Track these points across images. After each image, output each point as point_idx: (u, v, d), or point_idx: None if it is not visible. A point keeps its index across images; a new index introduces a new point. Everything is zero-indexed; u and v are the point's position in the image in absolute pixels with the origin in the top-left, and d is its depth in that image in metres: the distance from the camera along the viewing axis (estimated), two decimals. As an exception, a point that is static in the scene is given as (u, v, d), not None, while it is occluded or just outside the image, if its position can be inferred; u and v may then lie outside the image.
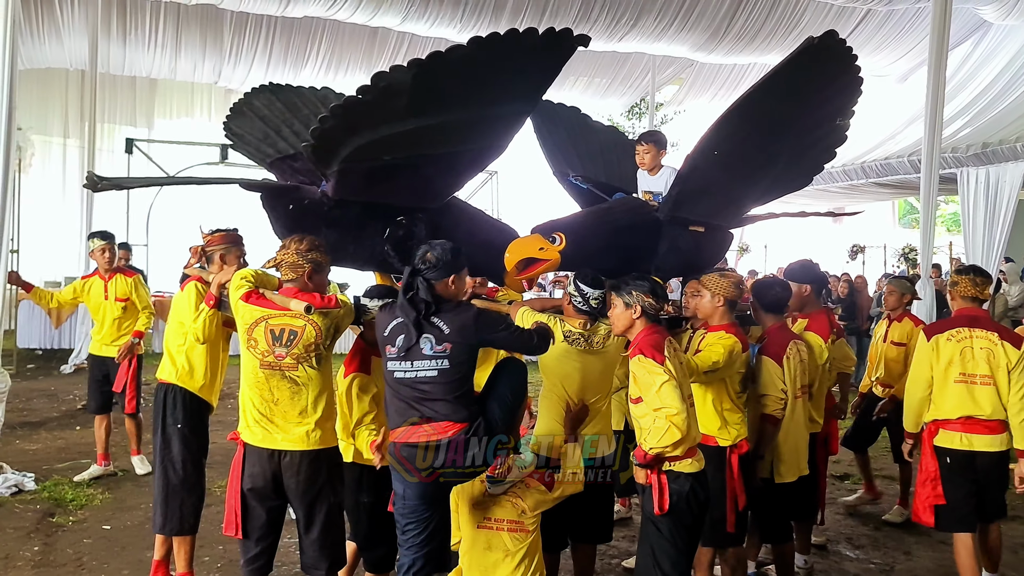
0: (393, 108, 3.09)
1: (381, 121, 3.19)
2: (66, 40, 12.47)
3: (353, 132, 3.22)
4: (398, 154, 3.40)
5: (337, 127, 3.13)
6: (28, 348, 11.11)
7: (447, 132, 3.37)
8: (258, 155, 4.51)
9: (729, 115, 3.71)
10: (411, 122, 3.20)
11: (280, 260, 3.31)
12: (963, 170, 9.93)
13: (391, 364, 3.24)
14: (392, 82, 2.94)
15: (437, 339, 3.16)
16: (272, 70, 13.65)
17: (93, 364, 6.32)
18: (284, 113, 4.52)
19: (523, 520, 3.45)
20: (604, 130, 5.53)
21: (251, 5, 10.95)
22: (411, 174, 3.58)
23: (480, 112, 3.34)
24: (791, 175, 4.22)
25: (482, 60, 3.02)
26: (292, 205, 3.75)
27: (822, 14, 12.51)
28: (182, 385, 4.15)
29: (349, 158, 3.34)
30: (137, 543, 4.77)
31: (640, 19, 12.17)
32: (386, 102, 3.04)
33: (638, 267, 3.73)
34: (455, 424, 3.22)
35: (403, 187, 3.66)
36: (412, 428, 3.22)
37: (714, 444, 3.68)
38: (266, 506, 3.30)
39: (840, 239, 16.77)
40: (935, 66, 7.72)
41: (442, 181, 3.79)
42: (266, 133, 4.48)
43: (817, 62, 3.52)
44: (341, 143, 3.26)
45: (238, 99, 4.78)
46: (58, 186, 14.21)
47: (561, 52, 3.23)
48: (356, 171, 3.47)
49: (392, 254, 3.81)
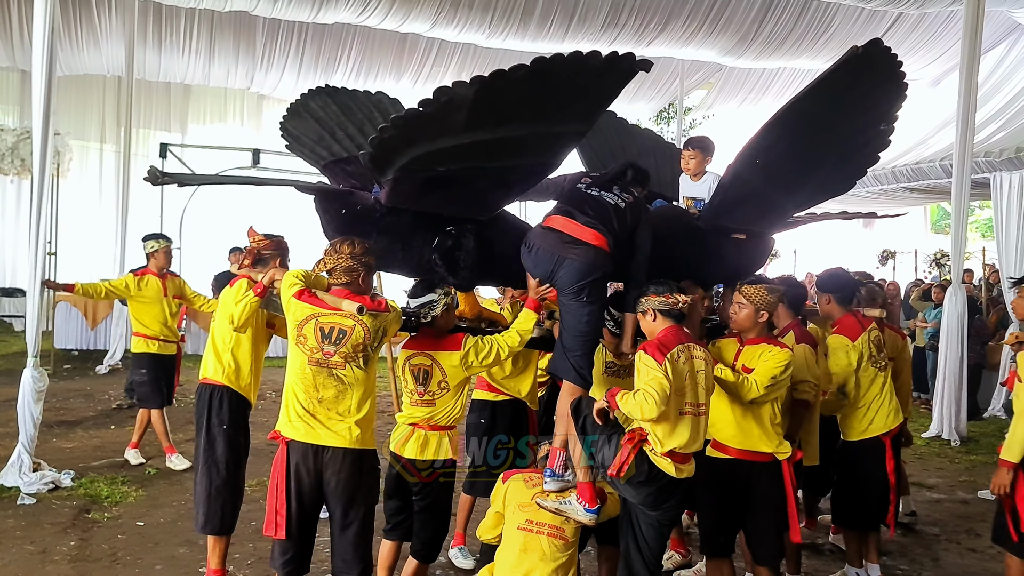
0: (452, 122, 3.12)
1: (439, 134, 3.22)
2: (103, 47, 12.74)
3: (411, 143, 3.26)
4: (453, 166, 3.42)
5: (396, 137, 3.17)
6: (65, 349, 11.33)
7: (503, 147, 3.39)
8: (312, 157, 4.57)
9: (772, 124, 3.71)
10: (468, 136, 3.23)
11: (336, 265, 3.35)
12: (996, 175, 9.80)
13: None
14: (454, 97, 2.97)
15: None
16: (303, 75, 13.82)
17: (152, 363, 6.41)
18: (339, 116, 4.59)
19: (565, 528, 3.49)
20: (642, 134, 5.52)
21: (283, 12, 11.10)
22: (464, 186, 3.61)
23: (537, 130, 3.36)
24: (833, 180, 4.21)
25: (543, 80, 3.05)
26: (345, 209, 3.82)
27: (852, 18, 12.41)
28: (228, 384, 4.20)
29: (405, 167, 3.38)
30: (170, 539, 4.88)
31: (669, 23, 12.16)
32: (446, 116, 3.07)
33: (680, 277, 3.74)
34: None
35: (455, 199, 3.68)
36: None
37: (771, 459, 3.70)
38: (307, 505, 3.34)
39: (871, 244, 16.58)
40: (967, 70, 7.65)
41: (494, 195, 3.82)
42: (321, 135, 4.56)
43: (862, 70, 3.51)
44: (398, 152, 3.30)
45: (295, 100, 4.84)
46: (95, 190, 14.50)
47: (621, 75, 3.24)
48: (411, 180, 3.51)
49: (439, 263, 3.85)
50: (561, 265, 3.60)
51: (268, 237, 4.23)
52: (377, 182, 3.68)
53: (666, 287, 3.45)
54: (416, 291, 3.76)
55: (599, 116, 3.64)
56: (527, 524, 3.50)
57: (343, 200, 3.88)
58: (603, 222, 3.64)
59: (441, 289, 3.76)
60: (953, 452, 7.80)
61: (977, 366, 9.26)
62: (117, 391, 9.05)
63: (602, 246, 3.59)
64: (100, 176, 14.61)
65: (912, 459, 7.29)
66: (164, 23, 12.68)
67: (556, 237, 3.64)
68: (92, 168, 14.58)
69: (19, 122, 12.38)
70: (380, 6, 10.95)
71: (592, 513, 3.44)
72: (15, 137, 9.82)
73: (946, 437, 8.16)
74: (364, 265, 3.39)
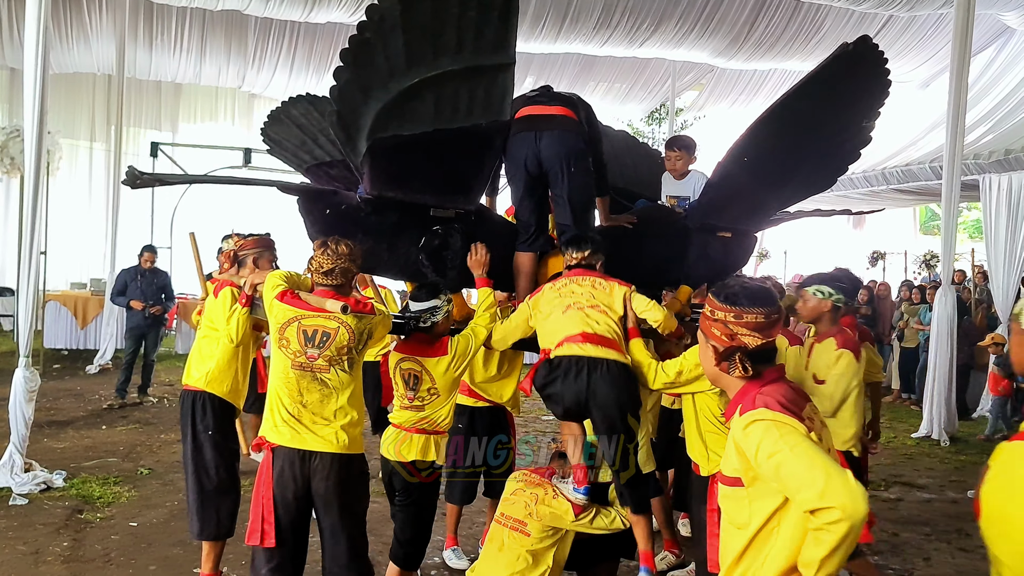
0: (393, 51, 3.22)
1: (388, 73, 3.29)
2: (94, 45, 12.68)
3: (367, 90, 3.31)
4: (416, 129, 3.43)
5: (352, 81, 3.25)
6: (54, 348, 11.28)
7: (449, 92, 3.44)
8: (295, 161, 4.58)
9: (762, 121, 3.74)
10: (413, 73, 3.31)
11: (335, 266, 3.26)
12: (985, 176, 9.87)
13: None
14: (383, 11, 3.12)
15: None
16: (295, 75, 13.80)
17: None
18: (320, 122, 4.60)
19: (528, 523, 3.50)
20: (616, 135, 5.51)
21: (275, 11, 11.07)
22: (437, 163, 3.63)
23: (466, 63, 3.40)
24: (817, 177, 4.25)
25: None
26: (329, 210, 3.79)
27: (843, 20, 12.48)
28: (211, 391, 4.12)
29: (372, 132, 3.37)
30: (163, 540, 4.86)
31: (661, 25, 12.20)
32: (385, 40, 3.19)
33: (668, 276, 3.76)
34: None
35: (434, 181, 3.69)
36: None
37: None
38: (294, 512, 3.25)
39: (860, 246, 16.67)
40: (957, 72, 7.71)
41: (468, 172, 3.81)
42: (303, 140, 4.56)
43: (851, 67, 3.56)
44: (360, 105, 3.33)
45: (276, 107, 4.87)
46: (84, 189, 14.43)
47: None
48: (384, 154, 3.48)
49: (426, 263, 3.83)
50: (541, 141, 3.79)
51: (251, 236, 4.22)
52: (352, 163, 3.66)
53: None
54: (420, 295, 3.72)
55: (514, 42, 3.56)
56: (499, 516, 3.56)
57: (327, 200, 3.86)
58: (565, 103, 3.92)
59: (445, 296, 3.74)
60: (943, 452, 7.86)
61: (966, 366, 9.34)
62: (108, 391, 9.01)
63: (572, 116, 3.83)
64: (90, 175, 14.54)
65: (902, 459, 7.35)
66: (155, 21, 12.62)
67: (526, 121, 3.83)
68: (82, 167, 14.51)
69: (8, 120, 12.29)
70: (372, 6, 10.94)
71: (580, 494, 3.48)
72: (4, 136, 9.73)
73: (935, 437, 8.22)
74: (359, 268, 3.37)
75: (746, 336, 2.04)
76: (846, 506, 1.74)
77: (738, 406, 2.03)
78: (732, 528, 2.04)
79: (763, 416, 1.92)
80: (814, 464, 1.80)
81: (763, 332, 2.05)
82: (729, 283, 2.14)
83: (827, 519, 1.75)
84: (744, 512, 1.99)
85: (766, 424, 1.90)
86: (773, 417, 1.91)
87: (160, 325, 9.09)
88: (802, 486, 1.79)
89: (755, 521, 1.96)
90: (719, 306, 2.09)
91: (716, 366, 2.09)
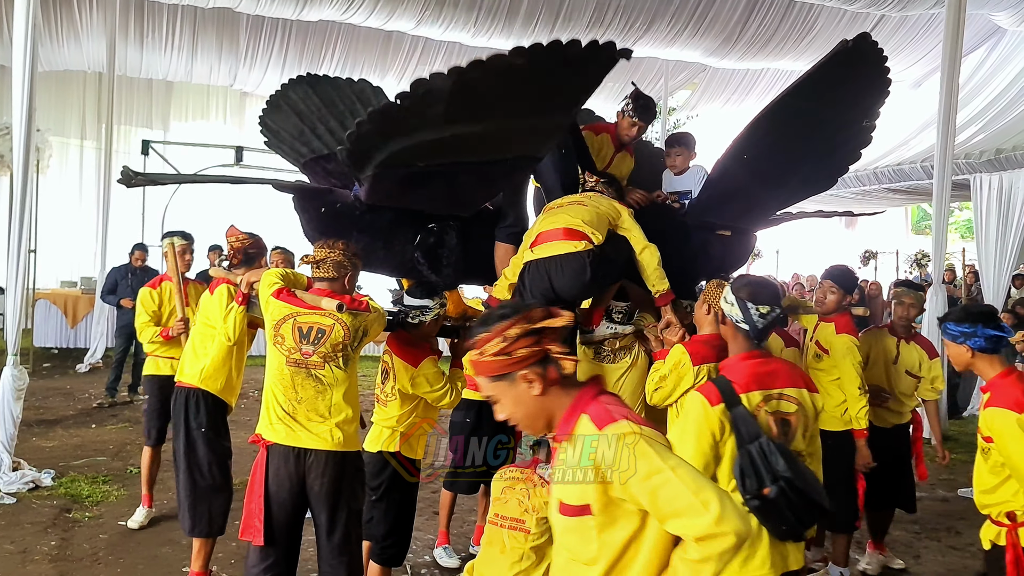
0: (431, 115, 3.06)
1: (418, 128, 3.16)
2: (84, 43, 12.61)
3: (389, 138, 3.21)
4: (433, 161, 3.38)
5: (373, 132, 3.12)
6: (44, 347, 11.23)
7: (484, 141, 3.34)
8: (292, 154, 4.51)
9: (761, 119, 3.72)
10: (447, 129, 3.17)
11: (326, 258, 3.29)
12: (976, 176, 9.89)
13: None
14: (432, 88, 2.90)
15: None
16: (287, 73, 13.68)
17: None
18: (320, 109, 4.52)
19: (525, 519, 3.48)
20: None
21: (267, 9, 11.04)
22: (445, 182, 3.57)
23: (517, 122, 3.31)
24: (817, 177, 4.24)
25: (522, 70, 2.97)
26: (324, 208, 3.78)
27: (835, 19, 12.49)
28: (204, 388, 4.13)
29: (384, 163, 3.33)
30: (151, 539, 4.84)
31: (653, 24, 12.19)
32: (424, 109, 3.01)
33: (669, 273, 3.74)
34: None
35: (437, 195, 3.66)
36: None
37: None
38: (289, 510, 3.24)
39: (853, 245, 16.71)
40: (948, 73, 7.72)
41: (476, 190, 3.79)
42: (301, 130, 4.49)
43: (849, 65, 3.54)
44: (377, 148, 3.25)
45: (275, 91, 4.74)
46: (75, 187, 14.34)
47: (602, 64, 3.21)
48: (390, 177, 3.46)
49: (422, 261, 3.82)
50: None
51: (251, 235, 4.21)
52: (357, 179, 3.65)
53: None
54: (415, 292, 3.72)
55: (580, 107, 3.61)
56: (493, 517, 3.51)
57: (322, 198, 3.85)
58: None
59: (439, 298, 3.73)
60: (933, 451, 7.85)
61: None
62: (98, 390, 8.97)
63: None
64: (80, 173, 14.45)
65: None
66: (146, 19, 12.56)
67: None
68: (72, 165, 14.42)
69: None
70: (365, 4, 10.91)
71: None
72: (-7, 133, 9.70)
73: (926, 436, 8.21)
74: (353, 266, 3.35)
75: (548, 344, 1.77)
76: (740, 531, 1.60)
77: (577, 419, 1.76)
78: (577, 566, 1.77)
79: (629, 429, 1.69)
80: (701, 487, 1.63)
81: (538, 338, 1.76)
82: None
83: (721, 547, 1.59)
84: (591, 545, 1.73)
85: (634, 438, 1.67)
86: (640, 431, 1.69)
87: (151, 323, 9.04)
88: (690, 511, 1.61)
89: (605, 555, 1.71)
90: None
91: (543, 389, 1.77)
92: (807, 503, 2.42)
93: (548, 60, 3.02)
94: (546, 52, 2.94)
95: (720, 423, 2.48)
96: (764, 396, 2.55)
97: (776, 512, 2.41)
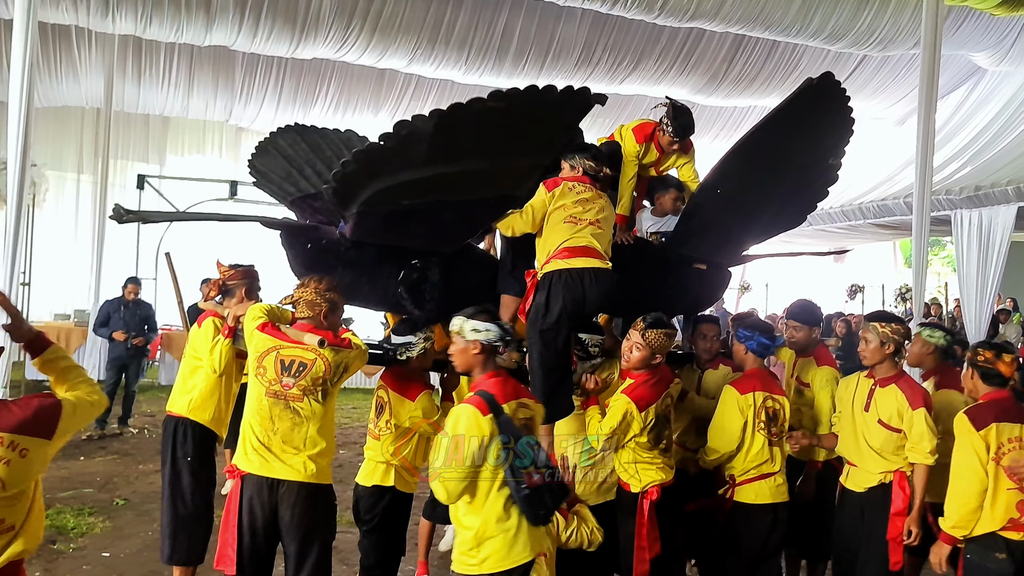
0: (413, 155, 3.20)
1: (401, 168, 3.30)
2: (83, 79, 12.80)
3: (373, 177, 3.35)
4: (416, 199, 3.50)
5: (358, 171, 3.26)
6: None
7: (465, 180, 3.47)
8: (280, 193, 4.65)
9: (733, 153, 3.87)
10: (429, 169, 3.31)
11: (298, 297, 3.41)
12: (957, 212, 10.06)
13: None
14: (413, 130, 3.06)
15: None
16: (282, 109, 13.95)
17: None
18: (308, 153, 4.68)
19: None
20: None
21: (262, 47, 11.24)
22: (429, 221, 3.69)
23: (497, 162, 3.44)
24: (787, 213, 4.38)
25: (501, 113, 3.13)
26: (310, 244, 3.90)
27: (819, 59, 12.75)
28: (193, 418, 4.22)
29: (369, 201, 3.45)
30: (135, 570, 4.89)
31: (640, 63, 12.43)
32: (407, 149, 3.16)
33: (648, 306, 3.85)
34: None
35: (419, 232, 3.78)
36: None
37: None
38: (260, 540, 3.31)
39: (840, 279, 16.87)
40: (924, 115, 7.91)
41: (459, 228, 3.91)
42: (289, 172, 4.63)
43: (815, 101, 3.70)
44: (361, 187, 3.38)
45: (264, 137, 4.91)
46: (71, 220, 14.46)
47: (579, 109, 3.37)
48: (375, 214, 3.58)
49: (405, 296, 3.93)
50: None
51: (236, 267, 4.32)
52: (342, 217, 3.78)
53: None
54: (399, 329, 3.84)
55: (558, 148, 3.74)
56: None
57: (308, 235, 3.97)
58: None
59: (423, 333, 3.84)
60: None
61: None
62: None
63: None
64: (77, 207, 14.57)
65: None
66: (144, 56, 12.76)
67: None
68: (69, 199, 14.54)
69: (-4, 152, 12.38)
70: (358, 42, 11.12)
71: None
72: (-9, 168, 9.82)
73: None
74: (328, 301, 3.44)
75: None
76: None
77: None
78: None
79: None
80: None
81: None
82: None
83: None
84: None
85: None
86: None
87: (142, 356, 9.12)
88: None
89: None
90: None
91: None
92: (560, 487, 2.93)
93: (525, 104, 3.16)
94: (523, 96, 3.09)
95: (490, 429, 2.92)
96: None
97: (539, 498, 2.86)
